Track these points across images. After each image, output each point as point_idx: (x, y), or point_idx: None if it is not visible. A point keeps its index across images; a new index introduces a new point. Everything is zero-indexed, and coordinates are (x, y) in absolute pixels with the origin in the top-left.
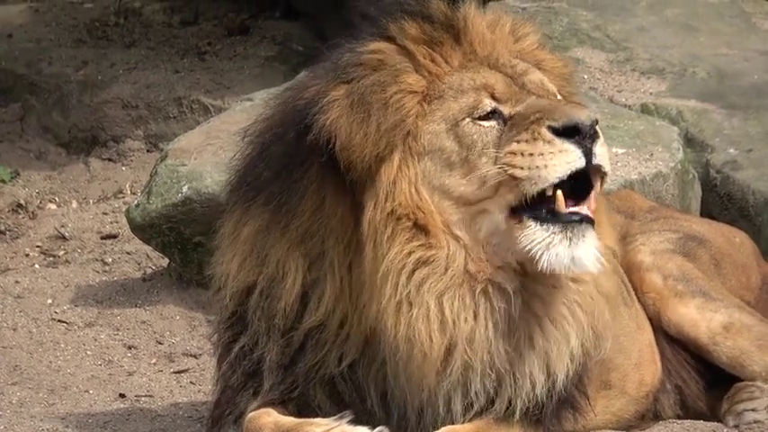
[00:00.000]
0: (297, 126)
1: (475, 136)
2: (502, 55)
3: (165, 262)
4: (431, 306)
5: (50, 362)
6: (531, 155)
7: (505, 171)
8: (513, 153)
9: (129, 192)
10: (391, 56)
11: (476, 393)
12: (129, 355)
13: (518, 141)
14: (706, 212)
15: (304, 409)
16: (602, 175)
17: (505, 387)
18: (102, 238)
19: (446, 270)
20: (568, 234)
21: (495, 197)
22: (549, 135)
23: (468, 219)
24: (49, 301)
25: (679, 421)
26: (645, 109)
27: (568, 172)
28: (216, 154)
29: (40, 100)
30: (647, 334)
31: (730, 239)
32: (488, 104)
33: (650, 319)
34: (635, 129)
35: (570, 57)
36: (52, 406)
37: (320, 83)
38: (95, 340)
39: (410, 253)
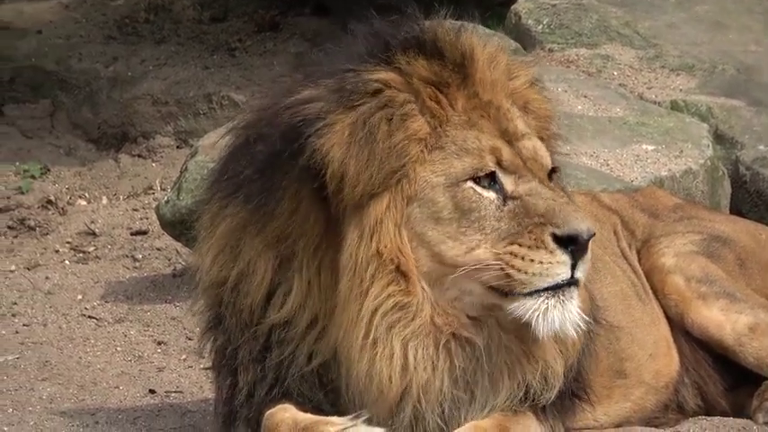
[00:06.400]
0: (287, 138)
1: (473, 204)
2: (500, 101)
3: None
4: (396, 349)
5: (80, 358)
6: (532, 261)
7: (502, 269)
8: (514, 254)
9: (159, 188)
10: (398, 94)
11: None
12: (159, 350)
13: (520, 244)
14: (735, 209)
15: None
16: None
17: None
18: (132, 234)
19: (414, 318)
20: (561, 297)
21: (474, 274)
22: (552, 245)
23: (438, 275)
24: (79, 296)
25: (708, 418)
26: (674, 106)
27: (555, 283)
28: None
29: (69, 96)
30: (663, 330)
31: (756, 237)
32: (491, 166)
33: (672, 321)
34: (664, 125)
35: (600, 53)
36: (82, 402)
37: (319, 98)
38: (125, 336)
39: (389, 296)
